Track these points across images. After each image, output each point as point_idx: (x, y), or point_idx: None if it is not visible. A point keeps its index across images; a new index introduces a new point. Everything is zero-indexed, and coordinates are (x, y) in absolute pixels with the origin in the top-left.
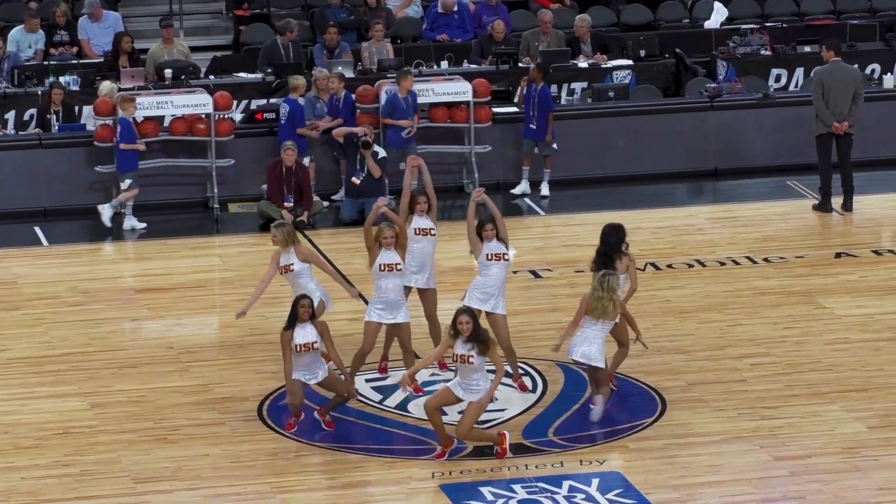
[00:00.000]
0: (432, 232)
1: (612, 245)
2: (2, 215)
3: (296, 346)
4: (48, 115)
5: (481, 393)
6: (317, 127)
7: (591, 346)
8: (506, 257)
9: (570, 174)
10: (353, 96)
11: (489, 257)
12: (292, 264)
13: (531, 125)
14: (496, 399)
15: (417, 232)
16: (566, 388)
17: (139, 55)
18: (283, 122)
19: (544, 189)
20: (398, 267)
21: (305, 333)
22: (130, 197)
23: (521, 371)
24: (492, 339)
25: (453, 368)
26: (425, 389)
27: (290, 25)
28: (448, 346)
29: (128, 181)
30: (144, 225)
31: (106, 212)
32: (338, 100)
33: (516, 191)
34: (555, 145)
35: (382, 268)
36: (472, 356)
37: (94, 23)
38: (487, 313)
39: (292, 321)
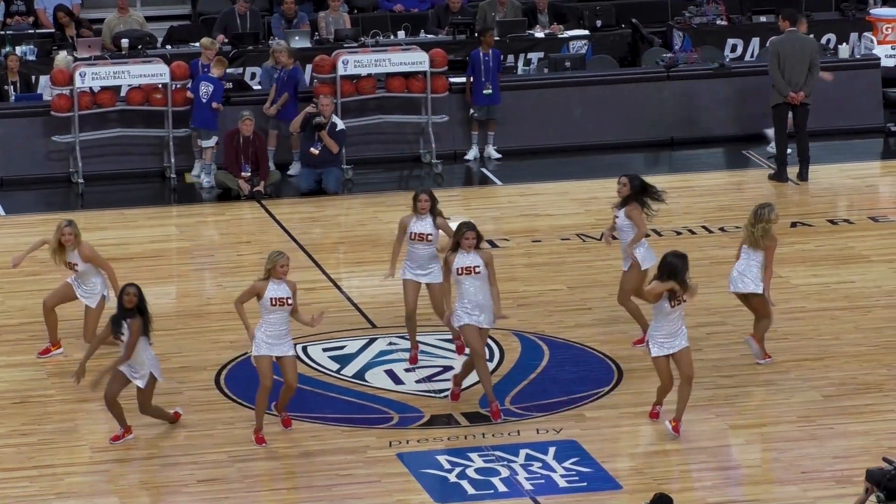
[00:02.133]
0: (477, 270)
1: (679, 275)
2: None
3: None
4: (6, 86)
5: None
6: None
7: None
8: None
9: (526, 144)
10: (299, 70)
11: (459, 271)
12: (76, 264)
13: (484, 91)
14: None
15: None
16: (522, 357)
17: (88, 25)
18: (203, 100)
19: (493, 153)
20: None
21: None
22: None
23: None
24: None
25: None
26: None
27: None
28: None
29: (214, 138)
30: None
31: (201, 175)
32: (285, 72)
33: (469, 157)
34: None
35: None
36: (479, 266)
37: None
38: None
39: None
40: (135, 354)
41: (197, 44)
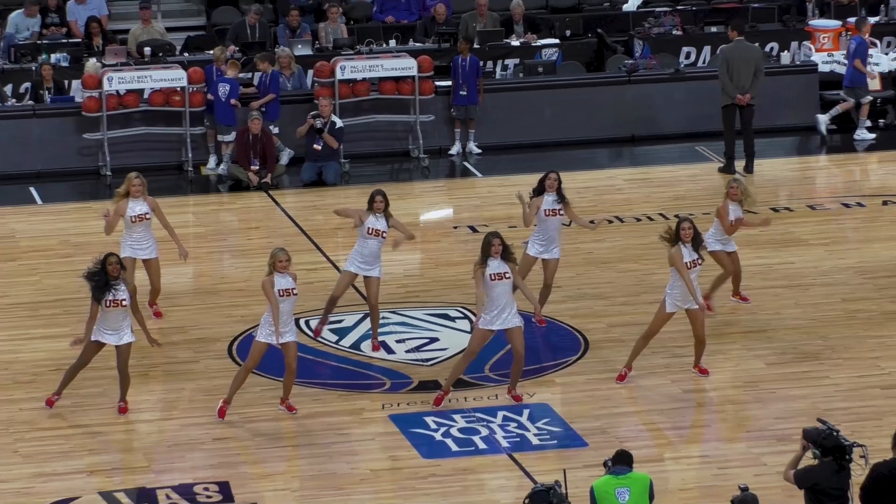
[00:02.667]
0: (507, 276)
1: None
2: (0, 177)
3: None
4: (41, 91)
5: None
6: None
7: None
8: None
9: (504, 140)
10: (280, 74)
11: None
12: (146, 213)
13: (461, 92)
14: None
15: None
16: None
17: (113, 35)
18: (223, 99)
19: (474, 148)
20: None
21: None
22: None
23: (460, 314)
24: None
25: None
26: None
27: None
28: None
29: (233, 133)
30: None
31: (221, 166)
32: (266, 76)
33: (452, 151)
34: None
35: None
36: (508, 272)
37: (80, 5)
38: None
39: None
40: (111, 318)
41: (211, 52)
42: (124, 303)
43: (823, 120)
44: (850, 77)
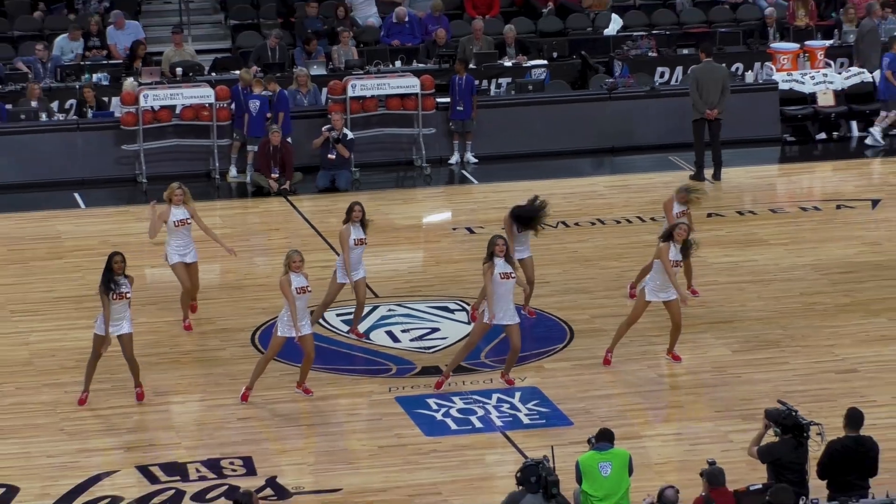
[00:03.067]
0: (513, 276)
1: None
2: (48, 184)
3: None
4: (84, 107)
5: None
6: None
7: None
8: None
9: (497, 151)
10: (286, 92)
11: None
12: (188, 219)
13: (458, 108)
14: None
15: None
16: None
17: (151, 57)
18: (254, 114)
19: (470, 157)
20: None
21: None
22: None
23: (459, 307)
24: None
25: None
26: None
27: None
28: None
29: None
30: None
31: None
32: (273, 95)
33: (452, 161)
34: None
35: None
36: (513, 273)
37: (118, 30)
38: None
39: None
40: (114, 311)
41: (236, 72)
42: (127, 295)
43: (877, 132)
44: (884, 89)
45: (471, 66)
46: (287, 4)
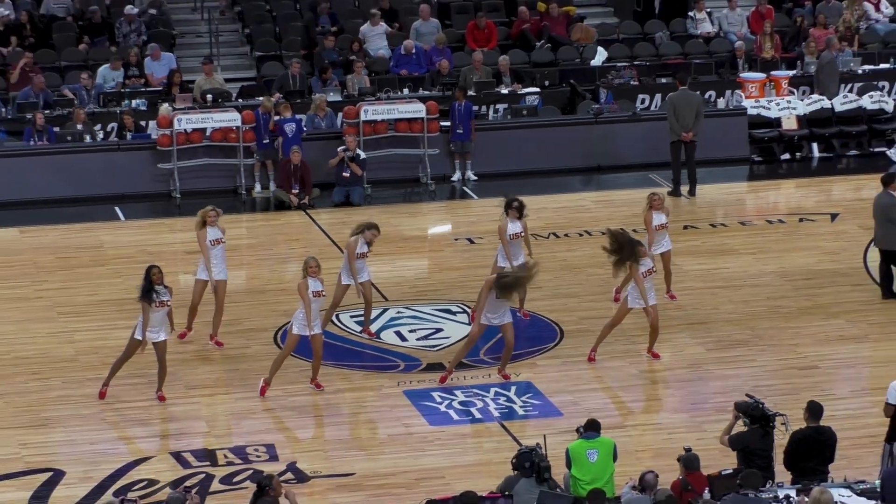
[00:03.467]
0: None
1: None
2: (91, 198)
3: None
4: (124, 131)
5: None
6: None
7: None
8: None
9: (495, 169)
10: (280, 118)
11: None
12: (221, 238)
13: (458, 131)
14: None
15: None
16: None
17: (187, 84)
18: (290, 135)
19: (471, 175)
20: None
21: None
22: None
23: (460, 309)
24: None
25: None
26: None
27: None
28: None
29: None
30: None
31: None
32: (282, 119)
33: (454, 178)
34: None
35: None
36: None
37: (155, 61)
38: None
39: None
40: (155, 319)
41: (261, 98)
42: (168, 303)
43: (893, 153)
44: None
45: (471, 93)
46: (309, 37)
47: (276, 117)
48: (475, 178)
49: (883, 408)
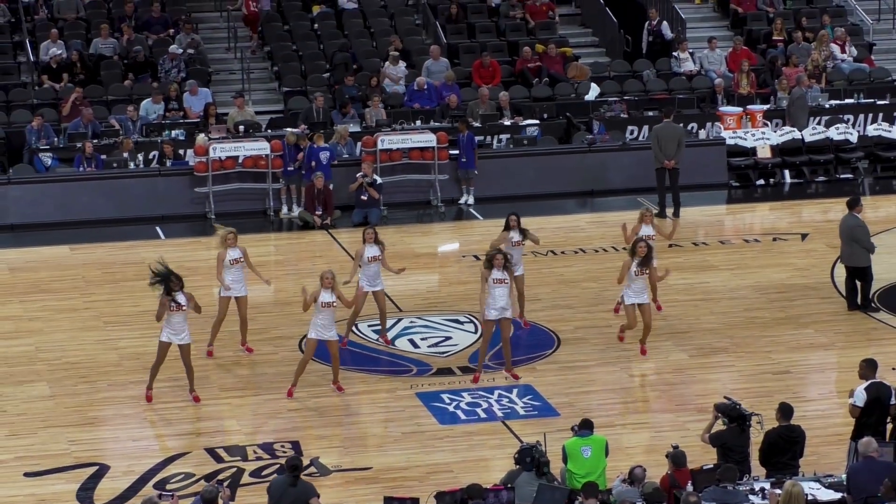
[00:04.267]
0: (506, 282)
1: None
2: (135, 219)
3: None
4: (164, 158)
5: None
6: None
7: None
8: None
9: (498, 193)
10: (316, 147)
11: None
12: (240, 258)
13: (462, 160)
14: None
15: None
16: (496, 331)
17: (221, 116)
18: (324, 162)
19: (471, 200)
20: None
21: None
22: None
23: (468, 319)
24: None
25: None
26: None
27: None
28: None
29: (330, 185)
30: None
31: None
32: (318, 148)
33: (461, 201)
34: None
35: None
36: (506, 279)
37: (193, 96)
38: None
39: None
40: (174, 322)
41: (288, 129)
42: (183, 307)
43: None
44: None
45: (477, 124)
46: (332, 74)
47: (312, 145)
48: (472, 202)
49: (848, 409)
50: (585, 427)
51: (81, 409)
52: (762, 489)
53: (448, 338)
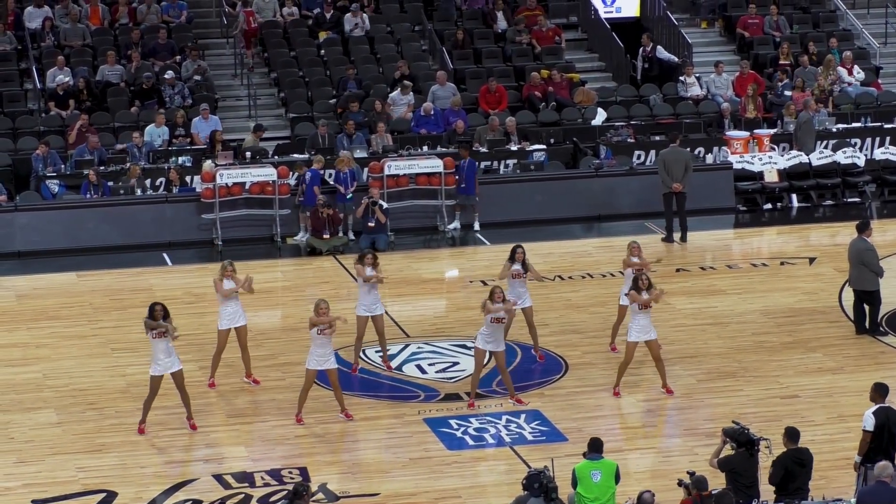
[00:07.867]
0: (503, 320)
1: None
2: (141, 246)
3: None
4: (171, 186)
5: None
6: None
7: None
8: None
9: (506, 218)
10: (321, 172)
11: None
12: (237, 289)
13: (462, 185)
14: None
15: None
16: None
17: (228, 143)
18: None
19: (476, 226)
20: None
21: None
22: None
23: (473, 344)
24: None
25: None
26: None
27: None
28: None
29: None
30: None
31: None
32: (301, 176)
33: (448, 227)
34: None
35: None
36: (504, 318)
37: (204, 121)
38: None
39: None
40: (159, 350)
41: (296, 155)
42: (164, 335)
43: None
44: None
45: (483, 150)
46: (338, 101)
47: (334, 171)
48: (455, 227)
49: (861, 436)
50: (594, 448)
51: (89, 435)
52: None
53: (455, 363)
